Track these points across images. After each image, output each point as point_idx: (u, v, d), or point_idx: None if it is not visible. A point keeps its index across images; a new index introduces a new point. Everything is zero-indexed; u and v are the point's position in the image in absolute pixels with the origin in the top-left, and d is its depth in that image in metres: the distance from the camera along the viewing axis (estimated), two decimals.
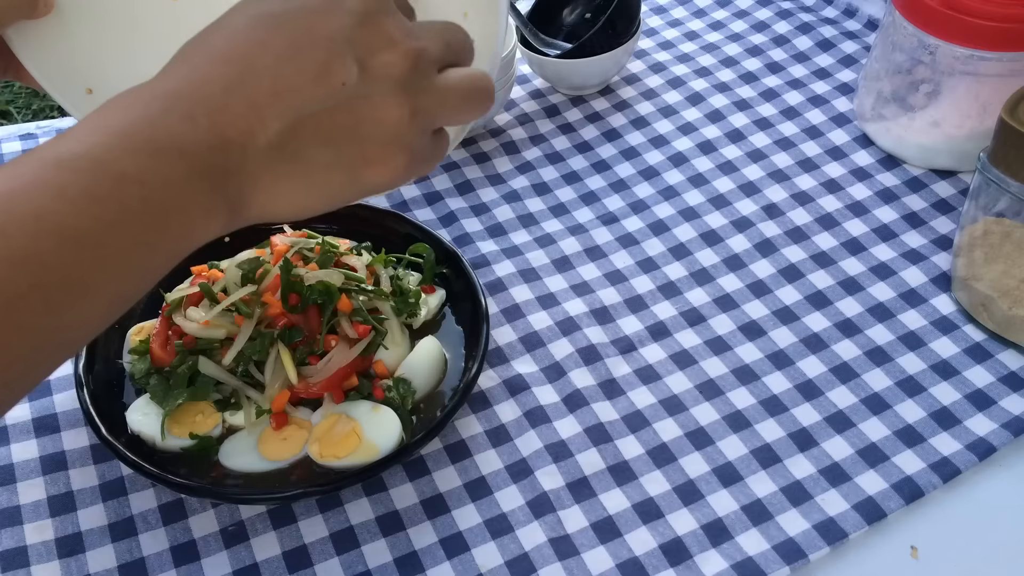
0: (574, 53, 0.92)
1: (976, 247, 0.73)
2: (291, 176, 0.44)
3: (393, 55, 0.45)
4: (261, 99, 0.43)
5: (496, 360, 0.72)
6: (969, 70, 0.79)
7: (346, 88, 0.44)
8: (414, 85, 0.45)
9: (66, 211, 0.38)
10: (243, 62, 0.43)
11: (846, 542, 0.62)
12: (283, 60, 0.43)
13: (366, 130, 0.45)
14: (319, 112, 0.44)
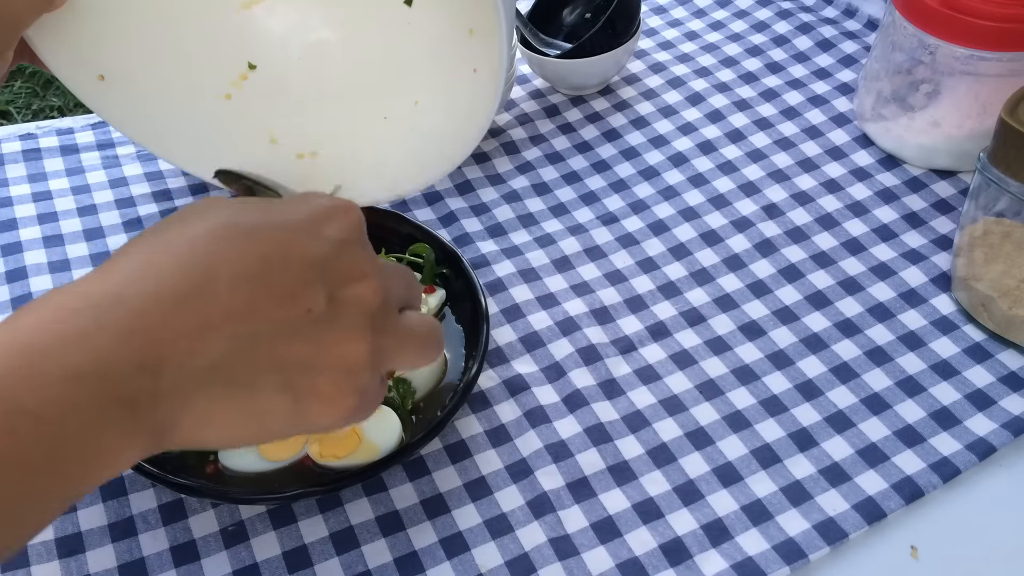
0: (574, 53, 0.92)
1: (976, 247, 0.73)
2: (229, 400, 0.40)
3: (365, 289, 0.42)
4: (216, 317, 0.39)
5: (496, 360, 0.72)
6: (969, 70, 0.79)
7: (311, 316, 0.41)
8: (379, 323, 0.43)
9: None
10: (203, 273, 0.39)
11: (846, 542, 0.62)
12: (248, 278, 0.40)
13: (323, 363, 0.41)
14: (277, 337, 0.40)
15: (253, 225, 0.41)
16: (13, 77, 2.32)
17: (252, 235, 0.41)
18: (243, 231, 0.40)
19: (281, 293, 0.40)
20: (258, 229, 0.41)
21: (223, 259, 0.39)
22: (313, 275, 0.41)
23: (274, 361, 0.40)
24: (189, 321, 0.38)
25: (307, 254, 0.41)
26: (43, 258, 0.80)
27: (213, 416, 0.40)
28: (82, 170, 0.89)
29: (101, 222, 0.84)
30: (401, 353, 0.45)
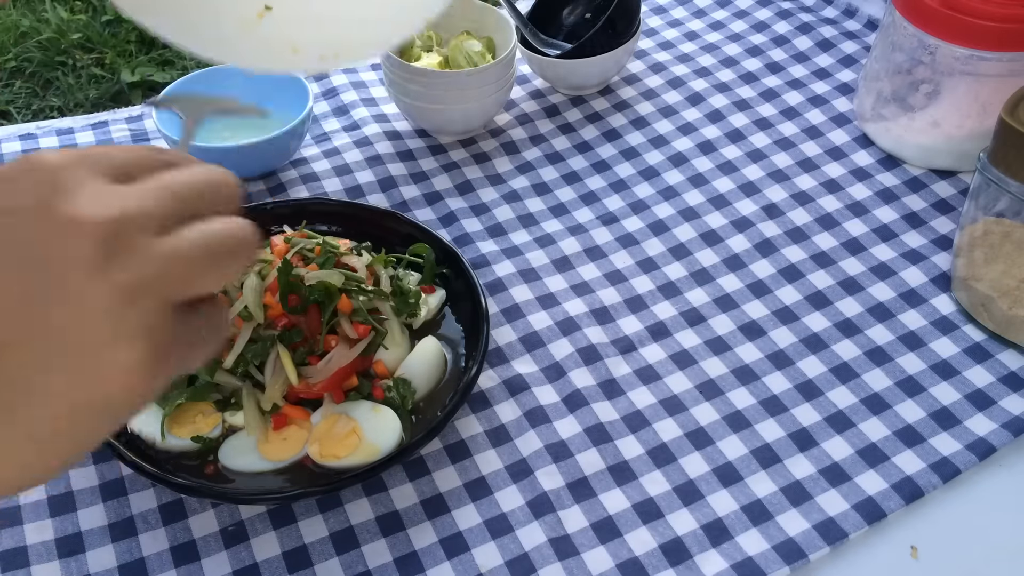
0: (574, 53, 0.92)
1: (976, 247, 0.73)
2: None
3: (77, 237, 0.35)
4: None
5: (496, 360, 0.72)
6: (969, 70, 0.79)
7: (34, 295, 0.35)
8: (117, 261, 0.35)
9: None
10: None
11: (846, 542, 0.62)
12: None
13: (72, 338, 0.35)
14: (10, 332, 0.34)
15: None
16: (13, 77, 2.32)
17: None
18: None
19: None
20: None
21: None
22: (14, 257, 0.35)
23: (19, 355, 0.35)
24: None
25: (4, 236, 0.35)
26: None
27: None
28: None
29: None
30: (175, 280, 0.37)
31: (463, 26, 0.94)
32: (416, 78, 0.86)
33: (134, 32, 2.42)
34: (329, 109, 0.96)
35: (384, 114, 0.94)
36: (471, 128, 0.91)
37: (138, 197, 0.37)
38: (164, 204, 0.37)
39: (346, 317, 0.67)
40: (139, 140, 0.92)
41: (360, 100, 0.97)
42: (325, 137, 0.93)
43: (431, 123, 0.91)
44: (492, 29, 0.93)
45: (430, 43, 0.93)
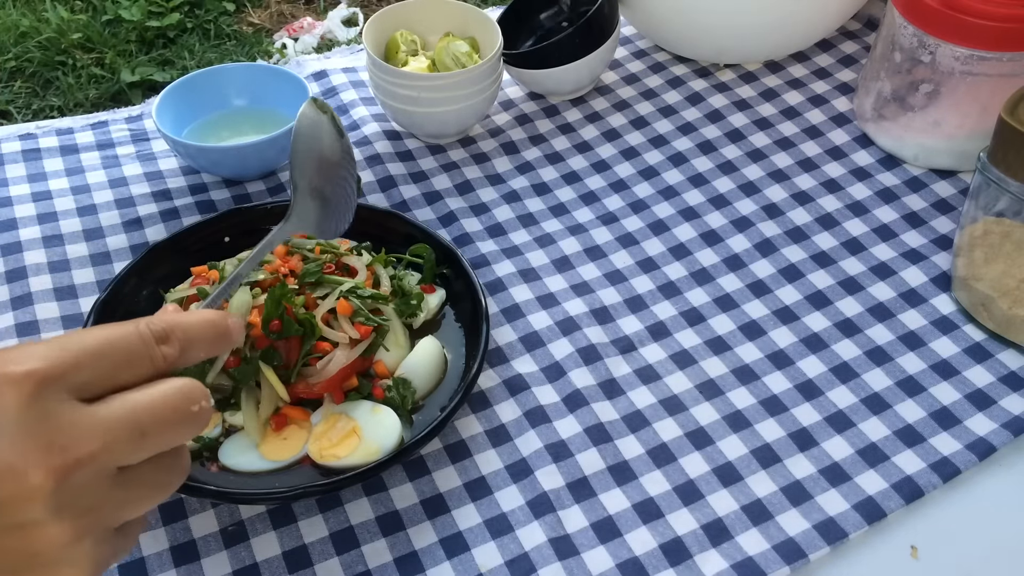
0: (542, 53, 0.91)
1: (976, 247, 0.73)
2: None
3: (24, 487, 0.36)
4: None
5: (496, 360, 0.72)
6: (969, 70, 0.79)
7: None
8: (73, 503, 0.37)
9: None
10: None
11: (846, 542, 0.62)
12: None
13: (17, 564, 0.37)
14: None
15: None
16: (13, 77, 2.32)
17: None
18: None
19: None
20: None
21: None
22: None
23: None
24: None
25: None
26: (43, 258, 0.80)
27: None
28: (82, 170, 0.89)
29: (101, 222, 0.84)
30: (124, 510, 0.39)
31: (445, 28, 0.93)
32: (407, 83, 0.86)
33: (134, 32, 2.42)
34: None
35: (384, 113, 0.94)
36: (464, 129, 0.91)
37: (101, 436, 0.37)
38: (123, 443, 0.38)
39: (346, 318, 0.67)
40: (138, 140, 0.92)
41: (360, 99, 0.97)
42: None
43: (423, 129, 0.90)
44: (475, 28, 0.93)
45: (414, 47, 0.92)
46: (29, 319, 0.75)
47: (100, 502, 0.38)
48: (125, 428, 0.38)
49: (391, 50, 0.92)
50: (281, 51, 2.40)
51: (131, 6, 2.46)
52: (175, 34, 2.45)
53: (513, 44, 0.96)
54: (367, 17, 2.12)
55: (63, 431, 0.37)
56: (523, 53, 0.93)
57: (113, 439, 0.38)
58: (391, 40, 0.92)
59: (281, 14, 2.58)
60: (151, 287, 0.74)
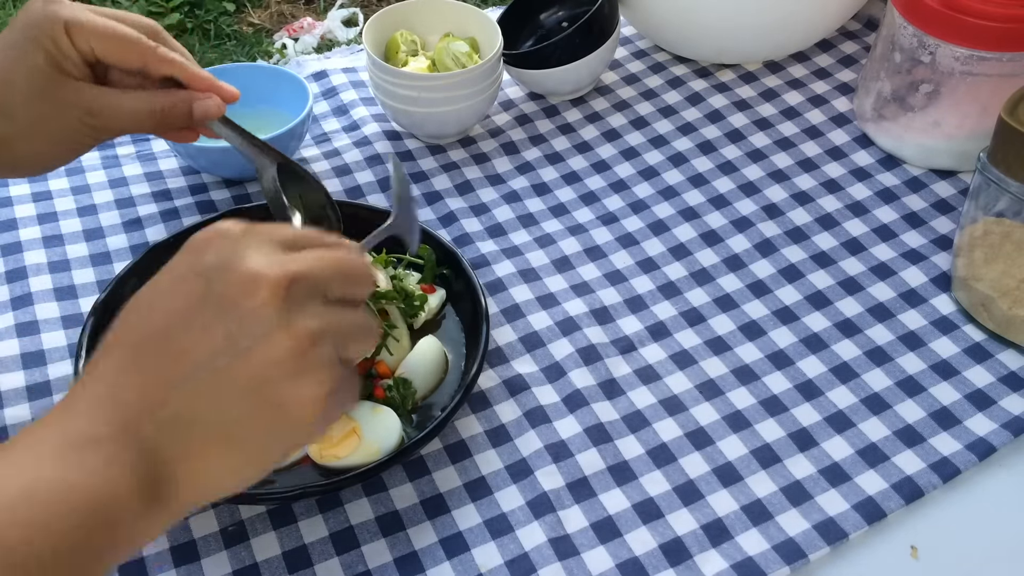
0: (542, 54, 0.92)
1: (976, 247, 0.73)
2: (209, 443, 0.43)
3: (261, 292, 0.43)
4: (149, 375, 0.42)
5: (496, 360, 0.72)
6: (969, 70, 0.79)
7: (232, 340, 0.42)
8: (298, 312, 0.43)
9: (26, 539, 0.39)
10: (133, 349, 0.43)
11: (846, 542, 0.62)
12: (166, 335, 0.43)
13: (266, 373, 0.42)
14: (214, 371, 0.42)
15: (157, 291, 0.45)
16: None
17: (154, 300, 0.44)
18: (148, 300, 0.45)
19: (196, 335, 0.43)
20: (160, 294, 0.44)
21: (137, 331, 0.44)
22: (212, 309, 0.43)
23: (224, 392, 0.42)
24: (130, 387, 0.42)
25: (198, 293, 0.43)
26: (43, 258, 0.80)
27: (206, 462, 0.43)
28: (82, 170, 0.89)
29: (101, 222, 0.84)
30: (340, 334, 0.45)
31: (444, 28, 0.93)
32: (407, 83, 0.86)
33: None
34: (329, 109, 0.96)
35: (384, 114, 0.94)
36: (464, 129, 0.91)
37: (304, 264, 0.44)
38: (323, 273, 0.45)
39: None
40: (138, 140, 0.92)
41: (360, 99, 0.97)
42: (325, 137, 0.93)
43: (423, 129, 0.90)
44: (474, 28, 0.93)
45: (414, 47, 0.92)
46: (29, 319, 0.75)
47: (320, 316, 0.44)
48: (325, 260, 0.45)
49: (391, 50, 0.92)
50: (281, 51, 2.40)
51: (131, 6, 2.46)
52: (175, 34, 2.45)
53: (513, 44, 0.96)
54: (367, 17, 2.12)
55: (278, 256, 0.44)
56: (523, 53, 0.93)
57: (318, 265, 0.45)
58: (391, 40, 0.92)
59: (281, 14, 2.58)
60: None
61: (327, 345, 0.44)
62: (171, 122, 0.64)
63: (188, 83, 0.65)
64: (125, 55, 0.63)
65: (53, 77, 0.61)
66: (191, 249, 0.45)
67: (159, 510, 0.43)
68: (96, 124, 0.62)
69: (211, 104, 0.65)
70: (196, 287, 0.43)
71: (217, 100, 0.66)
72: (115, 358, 0.43)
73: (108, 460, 0.41)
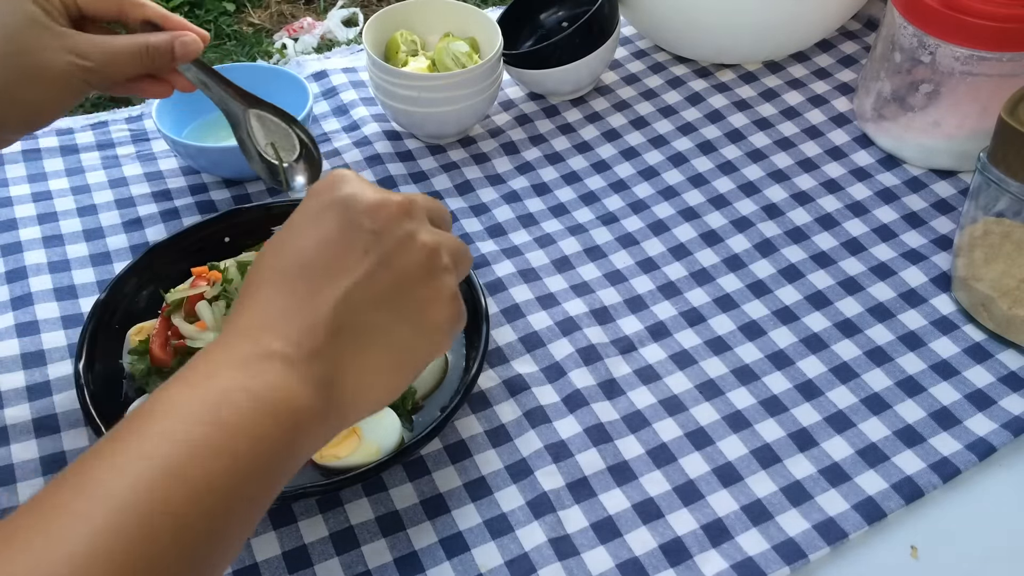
0: (542, 54, 0.92)
1: (976, 247, 0.73)
2: (368, 349, 0.47)
3: (391, 209, 0.49)
4: (309, 294, 0.47)
5: (496, 360, 0.72)
6: (969, 70, 0.79)
7: (373, 255, 0.48)
8: (419, 226, 0.50)
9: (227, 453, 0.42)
10: (296, 267, 0.48)
11: (846, 542, 0.62)
12: (318, 255, 0.48)
13: (406, 278, 0.48)
14: (363, 282, 0.47)
15: (306, 220, 0.49)
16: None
17: (312, 226, 0.49)
18: (309, 226, 0.49)
19: (344, 255, 0.48)
20: (310, 221, 0.49)
21: (305, 252, 0.48)
22: (352, 231, 0.48)
23: (373, 300, 0.47)
24: (302, 299, 0.47)
25: (339, 220, 0.49)
26: (43, 258, 0.80)
27: (366, 368, 0.47)
28: (82, 170, 0.89)
29: (101, 222, 0.84)
30: (450, 250, 0.51)
31: (444, 28, 0.93)
32: (407, 83, 0.86)
33: None
34: (329, 109, 0.96)
35: (383, 114, 0.94)
36: (464, 129, 0.91)
37: (411, 197, 0.51)
38: (425, 203, 0.52)
39: None
40: (138, 140, 0.92)
41: (360, 99, 0.97)
42: (325, 137, 0.93)
43: (423, 129, 0.90)
44: (474, 28, 0.93)
45: (414, 47, 0.92)
46: (29, 319, 0.75)
47: (434, 232, 0.50)
48: (422, 198, 0.52)
49: (391, 50, 0.92)
50: (281, 51, 2.39)
51: None
52: None
53: (513, 44, 0.96)
54: (367, 17, 2.12)
55: (390, 194, 0.50)
56: (523, 53, 0.93)
57: (419, 198, 0.51)
58: (391, 40, 0.92)
59: (281, 14, 2.58)
60: (151, 287, 0.74)
61: (446, 255, 0.50)
62: (158, 63, 0.67)
63: (164, 23, 0.69)
64: (104, 2, 0.67)
65: (44, 23, 0.63)
66: (318, 192, 0.50)
67: (334, 416, 0.46)
68: (88, 66, 0.64)
69: (191, 39, 0.68)
70: (335, 215, 0.48)
71: (195, 35, 0.69)
72: (273, 285, 0.47)
73: (285, 372, 0.44)
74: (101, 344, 0.70)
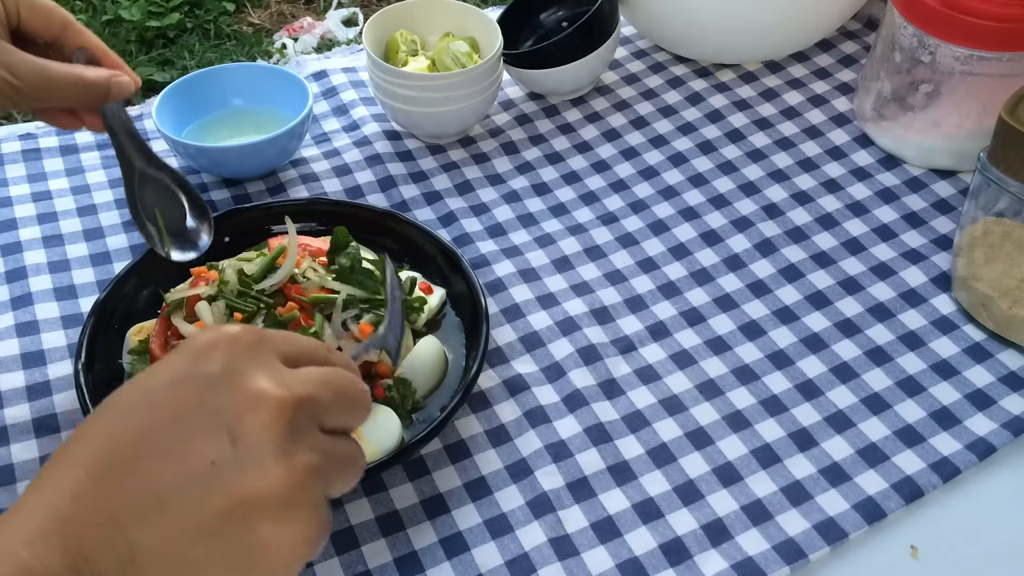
0: (542, 53, 0.92)
1: (976, 247, 0.73)
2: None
3: (265, 413, 0.38)
4: (112, 500, 0.36)
5: (496, 360, 0.72)
6: (969, 70, 0.79)
7: (217, 466, 0.37)
8: (298, 442, 0.39)
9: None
10: (95, 461, 0.37)
11: (846, 542, 0.62)
12: (139, 449, 0.37)
13: (248, 509, 0.37)
14: (185, 502, 0.37)
15: (137, 394, 0.39)
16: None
17: (135, 407, 0.39)
18: (128, 406, 0.39)
19: (176, 455, 0.37)
20: (142, 396, 0.39)
21: (111, 442, 0.38)
22: (204, 422, 0.37)
23: (195, 528, 0.37)
24: (88, 514, 0.36)
25: (189, 402, 0.38)
26: (43, 258, 0.80)
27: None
28: (82, 170, 0.89)
29: (101, 222, 0.84)
30: (333, 470, 0.40)
31: (444, 28, 0.93)
32: (407, 83, 0.86)
33: (134, 32, 2.42)
34: (329, 109, 0.96)
35: (383, 113, 0.94)
36: (464, 129, 0.91)
37: (311, 386, 0.40)
38: (326, 397, 0.41)
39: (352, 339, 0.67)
40: None
41: (360, 99, 0.97)
42: (325, 137, 0.93)
43: (423, 129, 0.90)
44: (474, 28, 0.93)
45: (414, 47, 0.92)
46: (29, 319, 0.75)
47: (320, 449, 0.39)
48: (329, 384, 0.41)
49: (391, 50, 0.92)
50: (281, 51, 2.39)
51: (131, 6, 2.46)
52: (175, 34, 2.45)
53: (513, 44, 0.96)
54: (367, 17, 2.12)
55: (285, 374, 0.40)
56: (523, 53, 0.93)
57: (320, 389, 0.40)
58: (391, 40, 0.92)
59: (281, 14, 2.58)
60: (151, 287, 0.74)
61: (320, 483, 0.39)
62: (89, 98, 0.65)
63: (102, 59, 0.67)
64: (49, 20, 0.65)
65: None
66: (190, 351, 0.40)
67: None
68: (18, 86, 0.62)
69: (126, 81, 0.66)
70: (189, 396, 0.38)
71: (129, 79, 0.67)
72: (75, 470, 0.37)
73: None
74: (101, 344, 0.70)
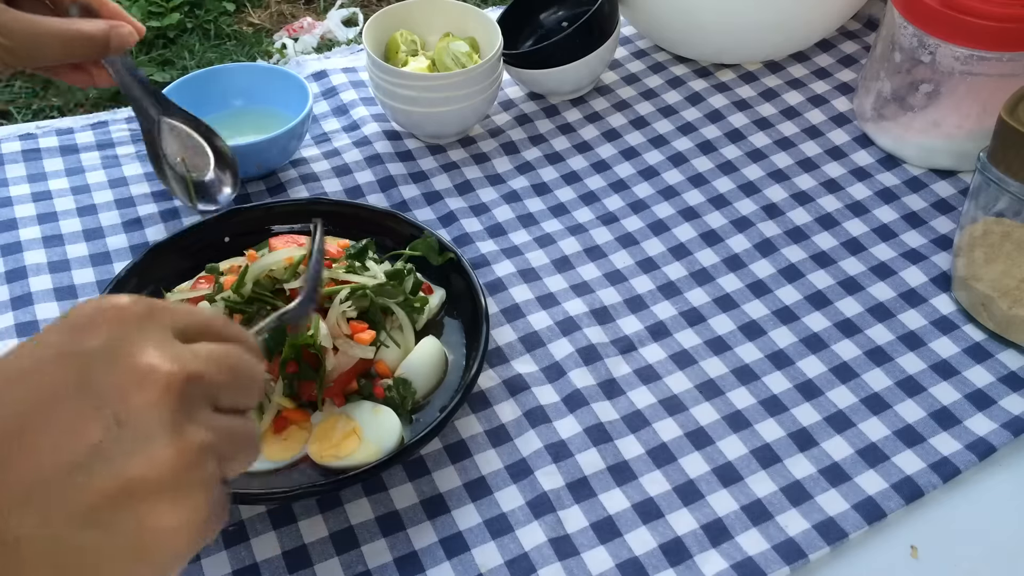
0: (542, 54, 0.92)
1: (976, 247, 0.73)
2: (61, 572, 0.35)
3: (152, 391, 0.36)
4: (4, 486, 0.34)
5: (496, 360, 0.72)
6: (969, 70, 0.79)
7: (102, 448, 0.35)
8: (189, 419, 0.36)
9: None
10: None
11: (846, 542, 0.62)
12: (17, 433, 0.35)
13: (134, 491, 0.35)
14: (66, 487, 0.34)
15: (19, 371, 0.36)
16: (13, 76, 2.32)
17: (15, 382, 0.36)
18: (7, 382, 0.36)
19: (58, 434, 0.35)
20: (25, 372, 0.36)
21: (12, 399, 0.36)
22: (88, 401, 0.35)
23: (84, 514, 0.34)
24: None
25: (73, 379, 0.36)
26: (43, 258, 0.80)
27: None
28: (82, 170, 0.89)
29: (101, 222, 0.84)
30: (227, 450, 0.38)
31: (444, 28, 0.93)
32: (407, 83, 0.86)
33: None
34: (329, 109, 0.96)
35: (383, 113, 0.94)
36: (464, 129, 0.91)
37: (202, 362, 0.38)
38: (219, 375, 0.38)
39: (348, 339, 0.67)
40: (138, 140, 0.92)
41: (360, 99, 0.97)
42: (325, 137, 0.93)
43: (423, 129, 0.90)
44: (474, 28, 0.93)
45: (414, 47, 0.92)
46: (29, 319, 0.75)
47: (211, 426, 0.37)
48: (222, 361, 0.39)
49: (391, 50, 0.92)
50: (281, 51, 2.39)
51: (131, 6, 2.46)
52: (175, 34, 2.45)
53: (513, 44, 0.96)
54: (367, 17, 2.12)
55: (174, 348, 0.38)
56: (523, 53, 0.93)
57: (212, 366, 0.38)
58: (391, 40, 0.92)
59: (281, 14, 2.58)
60: (151, 287, 0.74)
61: (212, 462, 0.37)
62: (88, 52, 0.63)
63: (99, 9, 0.65)
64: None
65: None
66: (71, 324, 0.37)
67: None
68: (10, 47, 0.61)
69: (127, 31, 0.64)
70: (69, 373, 0.36)
71: (131, 28, 0.65)
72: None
73: None
74: None
